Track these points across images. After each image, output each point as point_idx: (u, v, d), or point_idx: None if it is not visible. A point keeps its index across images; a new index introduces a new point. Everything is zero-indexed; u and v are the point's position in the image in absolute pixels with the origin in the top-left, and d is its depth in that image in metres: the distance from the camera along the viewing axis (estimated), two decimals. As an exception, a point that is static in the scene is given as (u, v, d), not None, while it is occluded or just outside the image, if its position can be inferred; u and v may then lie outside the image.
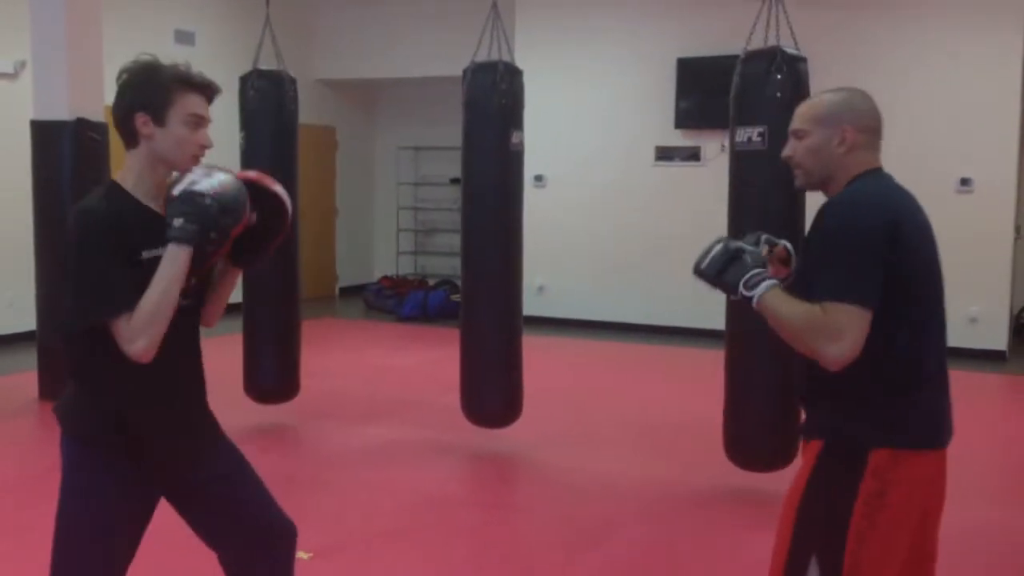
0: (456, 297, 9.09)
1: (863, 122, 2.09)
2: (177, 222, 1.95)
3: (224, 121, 8.04)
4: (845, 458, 1.98)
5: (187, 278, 2.01)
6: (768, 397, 4.24)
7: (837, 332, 1.92)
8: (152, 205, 2.04)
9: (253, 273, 5.26)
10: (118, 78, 2.08)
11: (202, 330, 2.24)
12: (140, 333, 1.93)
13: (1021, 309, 8.95)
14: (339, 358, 7.79)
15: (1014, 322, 8.59)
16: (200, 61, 2.32)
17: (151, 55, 2.09)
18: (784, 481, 4.34)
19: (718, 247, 2.18)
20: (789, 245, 2.32)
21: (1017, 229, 8.04)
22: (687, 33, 8.57)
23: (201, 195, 1.96)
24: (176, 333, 2.02)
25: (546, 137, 8.78)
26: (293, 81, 5.27)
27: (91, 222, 1.97)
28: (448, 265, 10.94)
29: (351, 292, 11.38)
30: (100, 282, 1.95)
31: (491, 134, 4.78)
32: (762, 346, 4.21)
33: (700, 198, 8.26)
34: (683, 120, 8.70)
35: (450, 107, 5.45)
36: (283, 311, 5.34)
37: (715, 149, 8.40)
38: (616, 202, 9.06)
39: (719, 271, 2.14)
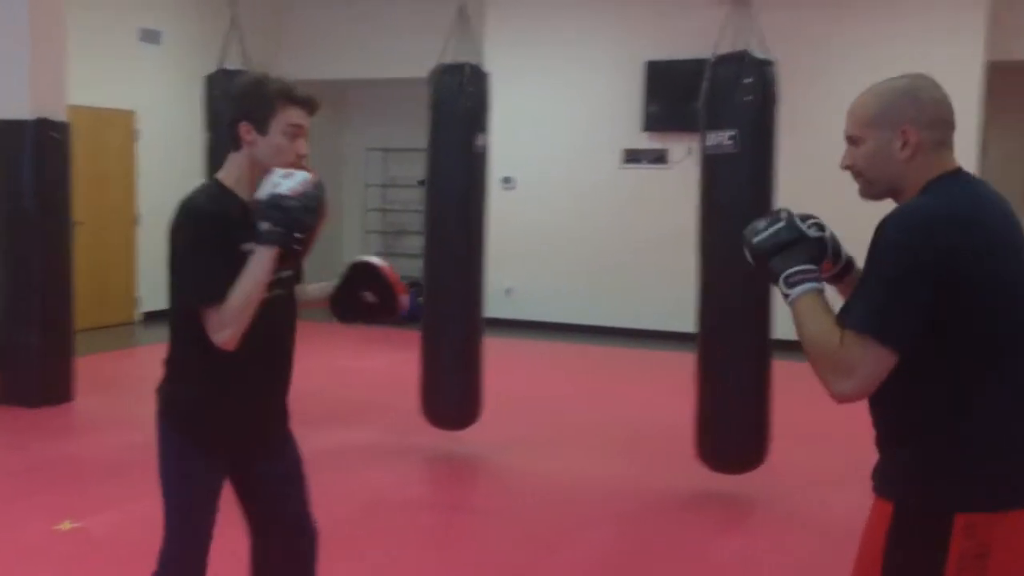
0: (424, 299, 9.05)
1: (928, 117, 1.76)
2: (264, 225, 2.10)
3: (188, 121, 7.98)
4: (926, 519, 1.69)
5: (274, 271, 2.17)
6: (739, 399, 4.27)
7: (848, 367, 1.67)
8: (250, 203, 2.19)
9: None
10: (232, 88, 2.30)
11: (157, 331, 2.30)
12: (228, 324, 2.09)
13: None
14: (302, 360, 7.62)
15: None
16: (165, 60, 2.35)
17: (262, 69, 2.34)
18: (754, 483, 4.42)
19: (782, 224, 1.87)
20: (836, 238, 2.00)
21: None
22: (655, 37, 8.63)
23: (284, 197, 2.09)
24: (263, 325, 2.16)
25: (515, 139, 8.80)
26: (259, 82, 5.23)
27: (198, 216, 2.15)
28: (417, 267, 10.77)
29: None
30: (202, 272, 2.12)
31: (456, 136, 4.79)
32: (733, 348, 4.26)
33: (667, 201, 8.31)
34: (651, 123, 8.75)
35: (419, 108, 5.44)
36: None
37: (682, 152, 8.46)
38: (584, 204, 9.10)
39: (769, 252, 1.86)
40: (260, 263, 2.11)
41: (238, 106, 2.23)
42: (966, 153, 7.87)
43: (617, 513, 4.26)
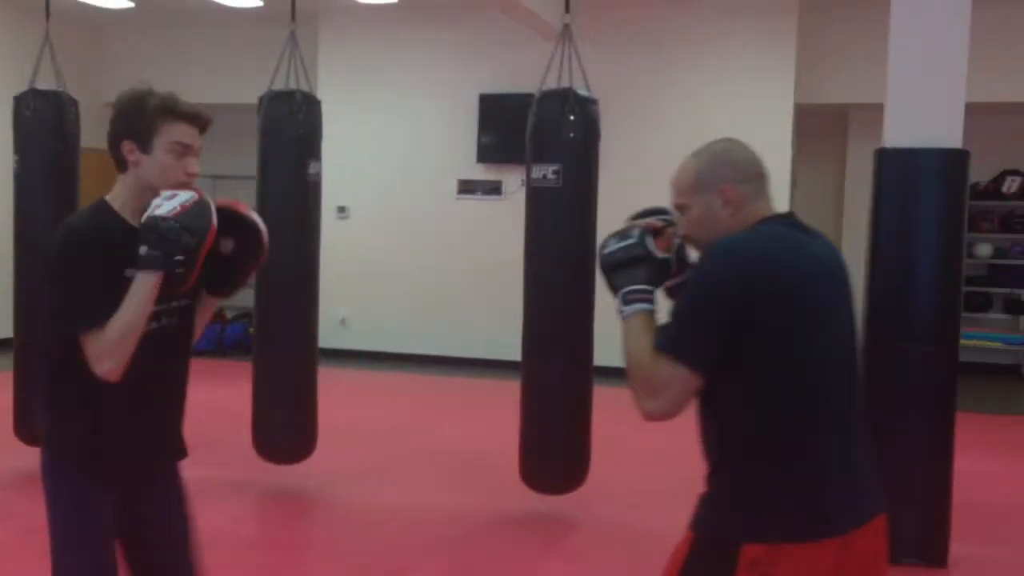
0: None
1: (743, 174, 1.90)
2: (143, 249, 1.99)
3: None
4: (715, 550, 1.77)
5: (160, 300, 2.05)
6: (560, 424, 4.38)
7: (656, 387, 1.77)
8: (138, 226, 2.07)
9: (25, 306, 4.95)
10: (113, 106, 2.15)
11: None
12: (108, 353, 1.98)
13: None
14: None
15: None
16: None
17: (146, 84, 2.13)
18: (576, 503, 4.53)
19: (632, 240, 1.96)
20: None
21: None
22: (489, 69, 8.78)
23: (163, 219, 1.99)
24: (149, 355, 2.05)
25: (350, 168, 8.73)
26: (74, 102, 4.98)
27: (75, 238, 2.05)
28: (249, 297, 10.57)
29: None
30: (78, 296, 2.00)
31: (287, 164, 4.71)
32: (554, 374, 4.37)
33: (501, 231, 8.43)
34: (485, 154, 8.88)
35: (248, 136, 5.33)
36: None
37: (516, 183, 8.61)
38: (420, 234, 9.11)
39: (615, 266, 1.95)
40: (140, 289, 2.00)
41: (119, 123, 2.12)
42: (779, 189, 8.31)
43: (450, 540, 4.27)
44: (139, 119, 2.09)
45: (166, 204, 2.01)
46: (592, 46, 5.47)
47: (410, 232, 9.12)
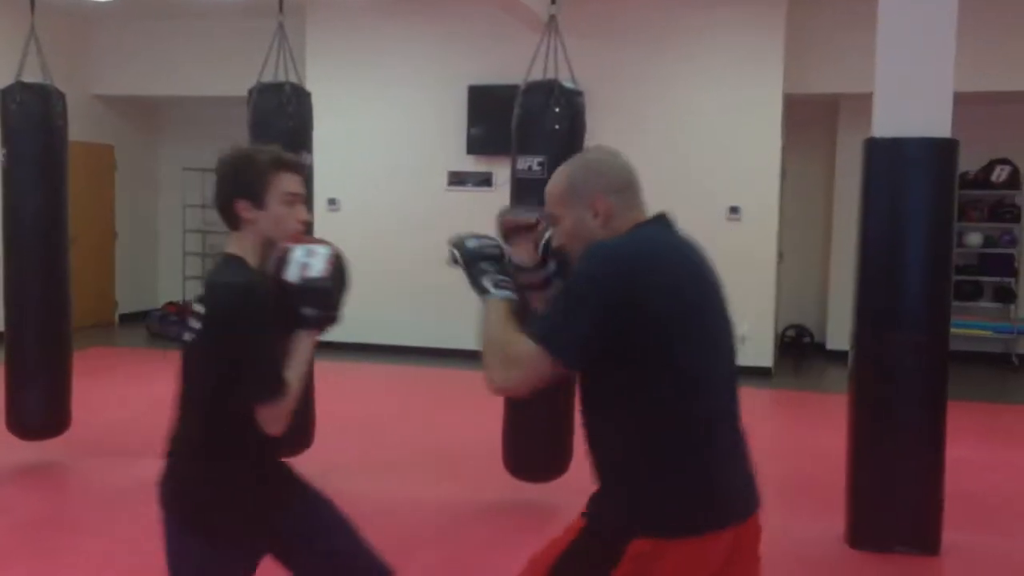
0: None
1: (613, 184, 1.90)
2: (308, 311, 2.07)
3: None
4: (603, 542, 1.81)
5: None
6: (542, 414, 4.40)
7: (517, 361, 1.80)
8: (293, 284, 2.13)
9: (15, 299, 4.92)
10: (217, 169, 2.18)
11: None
12: (285, 416, 2.03)
13: (784, 328, 9.70)
14: (117, 389, 7.35)
15: (778, 340, 9.29)
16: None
17: (240, 144, 2.22)
18: (559, 490, 4.55)
19: (494, 241, 2.11)
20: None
21: (780, 254, 8.71)
22: (478, 61, 8.76)
23: (320, 279, 2.06)
24: None
25: (340, 161, 8.71)
26: (61, 95, 4.95)
27: (255, 299, 2.02)
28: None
29: (134, 319, 10.78)
30: (269, 362, 2.01)
31: (278, 156, 4.70)
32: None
33: (492, 223, 8.41)
34: (475, 146, 8.86)
35: (238, 128, 5.30)
36: (51, 339, 4.98)
37: (506, 175, 8.57)
38: (411, 226, 9.09)
39: (481, 257, 2.05)
40: (305, 349, 2.09)
41: (230, 184, 2.14)
42: (768, 179, 8.41)
43: (439, 530, 4.27)
44: (251, 177, 2.12)
45: (314, 263, 2.07)
46: (579, 37, 5.46)
47: (401, 224, 9.11)
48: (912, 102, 4.08)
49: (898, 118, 4.08)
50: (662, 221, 1.93)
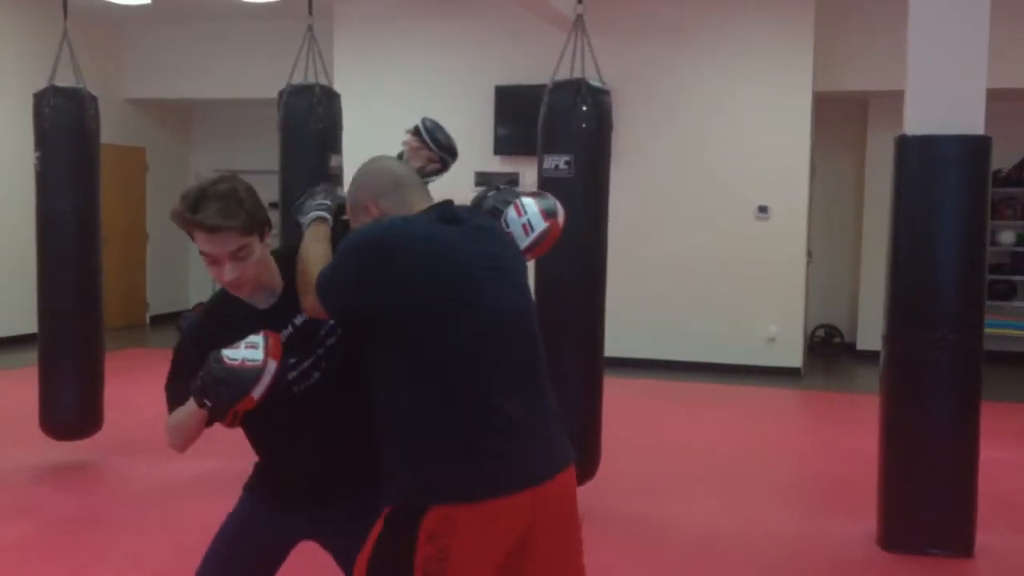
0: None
1: (375, 189, 2.12)
2: (197, 381, 1.97)
3: (19, 140, 7.62)
4: (400, 522, 1.89)
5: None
6: (569, 416, 4.33)
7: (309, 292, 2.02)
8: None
9: (48, 300, 4.99)
10: None
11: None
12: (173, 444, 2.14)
13: (814, 328, 9.62)
14: (148, 389, 7.39)
15: (808, 340, 9.21)
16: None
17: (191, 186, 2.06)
18: (587, 495, 4.52)
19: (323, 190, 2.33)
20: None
21: (809, 253, 8.64)
22: (505, 61, 8.76)
23: (218, 362, 1.92)
24: (294, 416, 2.12)
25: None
26: (94, 99, 5.01)
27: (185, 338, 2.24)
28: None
29: (165, 320, 10.89)
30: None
31: (308, 157, 4.72)
32: (567, 366, 4.35)
33: (519, 223, 8.42)
34: (502, 147, 8.87)
35: (269, 130, 5.35)
36: (83, 340, 5.05)
37: (533, 175, 8.57)
38: (437, 227, 9.10)
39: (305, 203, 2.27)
40: (189, 409, 2.06)
41: None
42: (797, 178, 8.35)
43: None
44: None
45: (236, 351, 1.93)
46: (605, 36, 5.45)
47: (428, 225, 9.11)
48: (944, 99, 4.03)
49: (930, 115, 4.03)
50: (441, 208, 2.11)
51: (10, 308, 8.69)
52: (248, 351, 1.93)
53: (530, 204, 2.30)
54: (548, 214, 2.29)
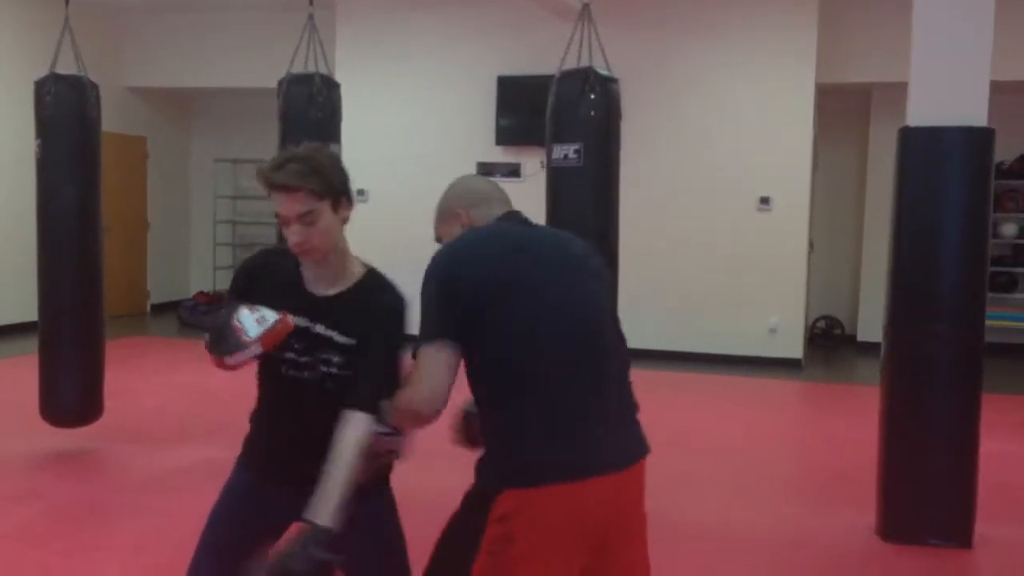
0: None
1: (467, 199, 2.30)
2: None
3: (20, 128, 7.62)
4: (477, 504, 2.03)
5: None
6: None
7: (417, 376, 1.98)
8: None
9: (49, 289, 4.99)
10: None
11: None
12: None
13: (815, 320, 9.62)
14: (149, 378, 7.44)
15: (809, 332, 9.21)
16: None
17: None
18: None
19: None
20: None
21: (810, 245, 8.64)
22: (506, 52, 8.74)
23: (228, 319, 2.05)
24: (282, 395, 2.18)
25: (369, 152, 8.73)
26: (95, 87, 5.00)
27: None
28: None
29: (165, 308, 10.90)
30: None
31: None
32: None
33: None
34: (504, 137, 8.85)
35: (269, 119, 5.34)
36: (84, 328, 5.05)
37: (535, 165, 8.58)
38: (439, 217, 9.10)
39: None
40: None
41: None
42: (800, 168, 8.33)
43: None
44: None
45: (249, 314, 2.03)
46: (611, 26, 5.43)
47: (430, 215, 9.08)
48: (948, 91, 4.02)
49: (933, 107, 4.02)
50: (509, 216, 2.26)
51: (11, 296, 8.70)
52: (254, 323, 1.99)
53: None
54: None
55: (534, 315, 2.00)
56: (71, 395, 5.03)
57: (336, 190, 2.09)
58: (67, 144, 4.90)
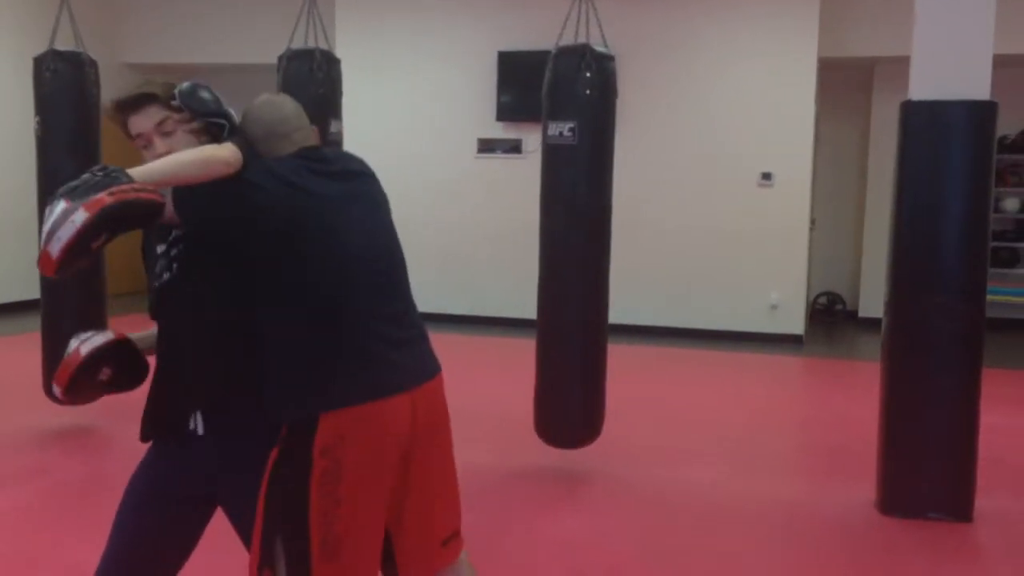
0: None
1: (259, 134, 2.15)
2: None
3: (19, 105, 7.60)
4: (296, 443, 1.96)
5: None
6: (575, 379, 4.41)
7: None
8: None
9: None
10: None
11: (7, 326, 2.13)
12: None
13: (816, 296, 9.62)
14: (152, 358, 7.44)
15: (810, 308, 9.22)
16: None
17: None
18: (590, 458, 4.57)
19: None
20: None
21: (812, 220, 8.62)
22: (507, 27, 8.70)
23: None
24: (165, 308, 2.12)
25: (368, 129, 8.70)
26: (94, 63, 4.98)
27: None
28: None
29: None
30: None
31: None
32: (571, 332, 4.39)
33: (521, 190, 8.38)
34: (504, 113, 8.83)
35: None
36: (86, 306, 5.05)
37: (535, 142, 8.54)
38: (440, 193, 9.09)
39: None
40: None
41: None
42: (802, 143, 8.31)
43: (467, 495, 4.30)
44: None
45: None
46: (610, 2, 5.40)
47: (430, 191, 9.11)
48: (950, 64, 3.99)
49: (936, 80, 4.00)
50: (307, 151, 2.16)
51: (13, 273, 8.71)
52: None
53: (59, 207, 1.75)
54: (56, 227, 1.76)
55: (335, 249, 2.03)
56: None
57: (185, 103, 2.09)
58: (67, 121, 4.88)
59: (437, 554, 2.20)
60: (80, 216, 1.68)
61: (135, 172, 1.82)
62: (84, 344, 2.11)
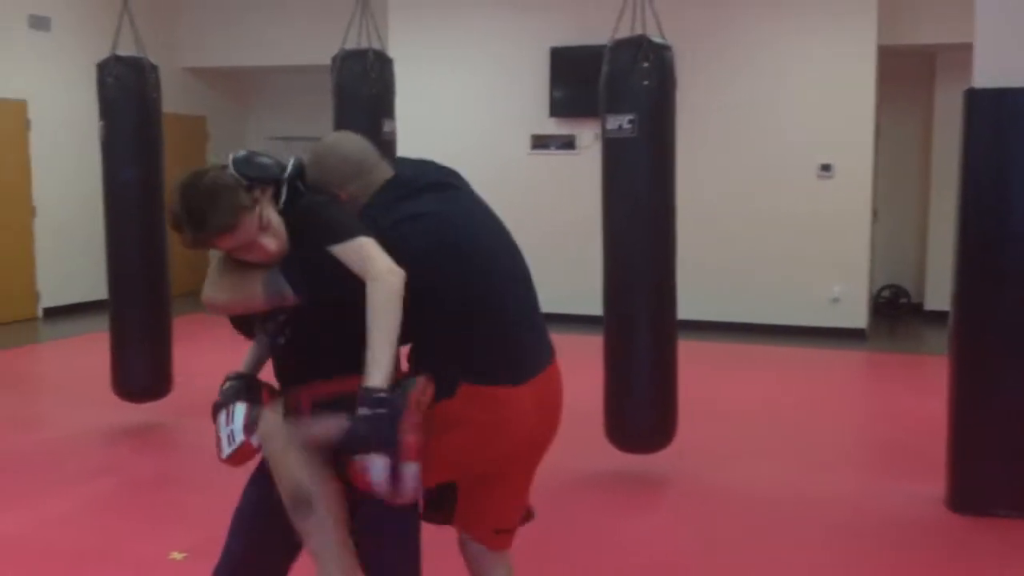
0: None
1: (342, 176, 2.20)
2: None
3: (83, 109, 7.77)
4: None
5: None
6: (646, 380, 4.34)
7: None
8: None
9: (117, 268, 5.11)
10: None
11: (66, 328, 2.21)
12: None
13: (880, 289, 9.44)
14: (214, 354, 7.57)
15: (873, 301, 9.05)
16: (56, 47, 2.23)
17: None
18: (663, 461, 4.51)
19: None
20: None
21: (874, 212, 8.46)
22: (559, 23, 8.67)
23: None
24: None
25: (422, 126, 8.74)
26: (155, 68, 5.08)
27: None
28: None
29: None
30: None
31: (361, 123, 4.72)
32: (640, 331, 4.33)
33: (576, 186, 8.38)
34: (558, 109, 8.80)
35: (322, 97, 5.38)
36: (152, 305, 5.17)
37: (589, 137, 8.53)
38: (493, 190, 8.95)
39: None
40: None
41: None
42: (862, 134, 8.15)
43: (536, 499, 4.29)
44: None
45: (224, 436, 2.37)
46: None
47: (484, 188, 8.97)
48: (1016, 49, 3.88)
49: (1001, 67, 3.89)
50: (392, 184, 2.29)
51: (80, 274, 8.94)
52: (226, 440, 2.28)
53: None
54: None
55: (487, 257, 2.29)
56: (141, 371, 5.17)
57: (239, 200, 1.99)
58: (130, 125, 5.00)
59: (487, 537, 2.39)
60: (410, 468, 1.97)
61: (374, 378, 1.94)
62: (246, 429, 2.25)
